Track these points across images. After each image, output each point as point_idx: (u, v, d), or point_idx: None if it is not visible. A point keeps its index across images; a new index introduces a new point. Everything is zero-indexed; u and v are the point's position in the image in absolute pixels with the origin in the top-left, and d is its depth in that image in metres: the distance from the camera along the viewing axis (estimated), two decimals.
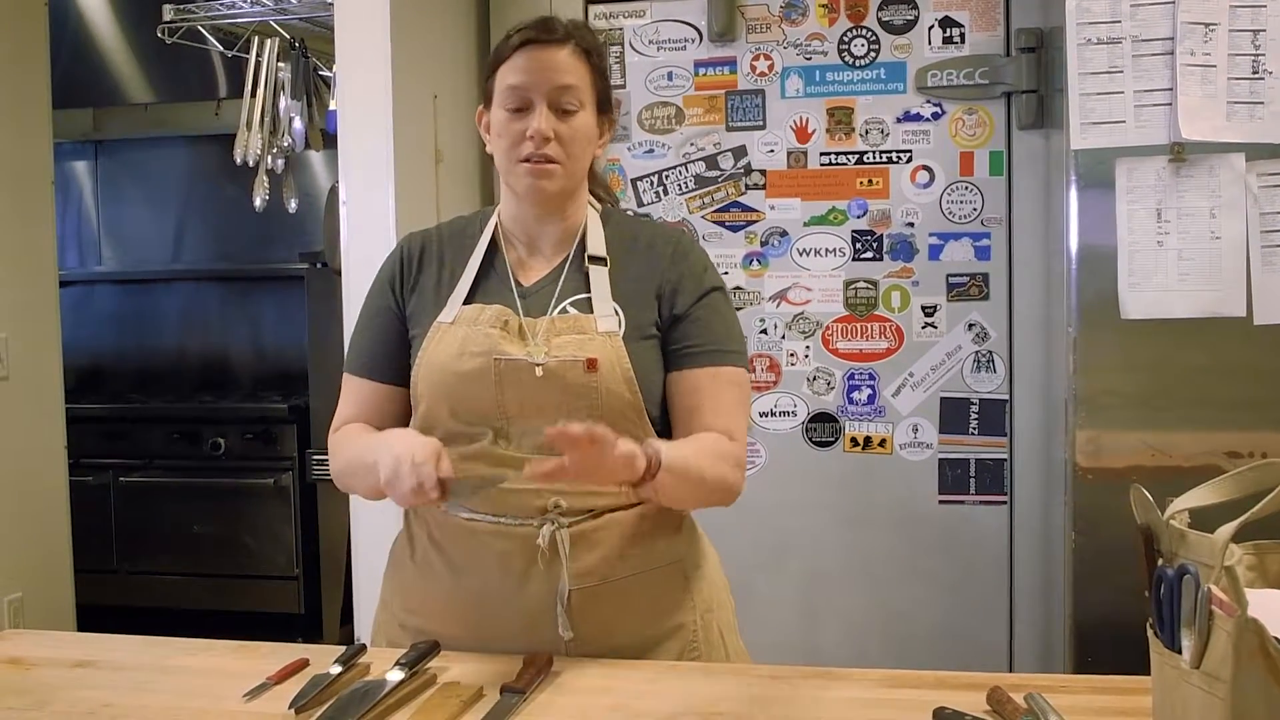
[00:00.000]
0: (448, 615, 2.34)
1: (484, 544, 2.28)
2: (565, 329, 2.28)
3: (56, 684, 2.21)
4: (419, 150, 3.94)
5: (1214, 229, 3.11)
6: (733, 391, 2.36)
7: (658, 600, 2.33)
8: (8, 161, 4.63)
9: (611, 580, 2.27)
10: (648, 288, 2.34)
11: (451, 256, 2.44)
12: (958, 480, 4.12)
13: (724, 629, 2.42)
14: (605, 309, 2.30)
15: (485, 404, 2.26)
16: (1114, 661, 2.06)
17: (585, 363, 2.22)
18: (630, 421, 2.26)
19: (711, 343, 2.34)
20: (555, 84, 2.27)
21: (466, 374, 2.26)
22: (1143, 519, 1.65)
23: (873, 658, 4.05)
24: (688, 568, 2.38)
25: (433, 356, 2.31)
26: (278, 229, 6.13)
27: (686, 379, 2.33)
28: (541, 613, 2.25)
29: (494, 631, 2.28)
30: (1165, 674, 1.59)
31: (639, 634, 2.31)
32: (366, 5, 3.78)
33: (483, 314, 2.31)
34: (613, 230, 2.42)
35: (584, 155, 2.35)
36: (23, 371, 4.67)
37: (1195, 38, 3.09)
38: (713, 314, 2.36)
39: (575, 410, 2.22)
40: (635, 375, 2.25)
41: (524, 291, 2.37)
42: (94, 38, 6.17)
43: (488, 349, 2.25)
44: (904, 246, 4.13)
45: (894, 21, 4.13)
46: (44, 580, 4.77)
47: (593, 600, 2.26)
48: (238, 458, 5.98)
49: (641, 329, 2.31)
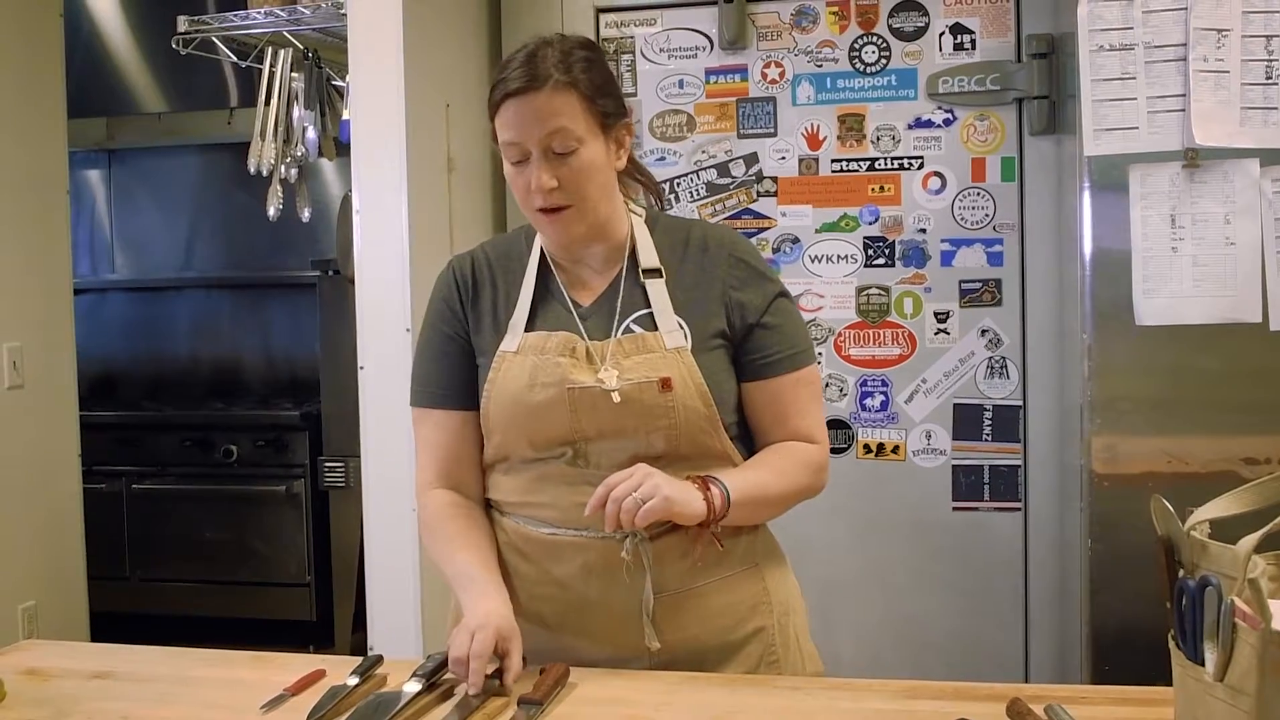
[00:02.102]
0: (525, 625, 2.27)
1: (567, 557, 2.28)
2: (634, 350, 2.26)
3: (75, 695, 2.21)
4: (432, 159, 3.94)
5: (1229, 234, 3.11)
6: (811, 391, 2.39)
7: (737, 605, 2.33)
8: (23, 170, 4.65)
9: (693, 588, 2.28)
10: (710, 294, 2.32)
11: (503, 279, 2.41)
12: (972, 487, 4.12)
13: (799, 632, 2.42)
14: (669, 324, 2.28)
15: (561, 430, 2.26)
16: (1132, 670, 2.06)
17: (659, 383, 2.22)
18: (706, 434, 2.26)
19: (789, 348, 2.34)
20: (544, 132, 2.21)
21: (540, 404, 2.25)
22: (1163, 530, 1.65)
23: (887, 666, 4.05)
24: (765, 570, 2.39)
25: (502, 389, 2.29)
26: (290, 237, 6.14)
27: (768, 388, 2.34)
28: (625, 621, 2.25)
29: (576, 640, 2.30)
30: (1188, 686, 1.59)
31: (721, 639, 2.31)
32: (379, 15, 3.78)
33: (548, 341, 2.29)
34: (661, 236, 2.39)
35: (600, 185, 2.29)
36: (37, 380, 4.69)
37: (1208, 43, 3.09)
38: (784, 318, 2.36)
39: (654, 430, 2.23)
40: (709, 388, 2.25)
41: (583, 313, 2.34)
42: (108, 47, 6.20)
43: (559, 378, 2.24)
44: (916, 253, 4.13)
45: (905, 28, 4.12)
46: (57, 587, 4.78)
47: (675, 609, 2.26)
48: (250, 465, 6.00)
49: (707, 338, 2.30)
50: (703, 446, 2.25)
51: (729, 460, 2.29)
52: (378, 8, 3.79)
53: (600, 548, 2.24)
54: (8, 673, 2.26)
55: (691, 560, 2.25)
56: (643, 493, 2.06)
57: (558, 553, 2.28)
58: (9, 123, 4.58)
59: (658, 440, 2.23)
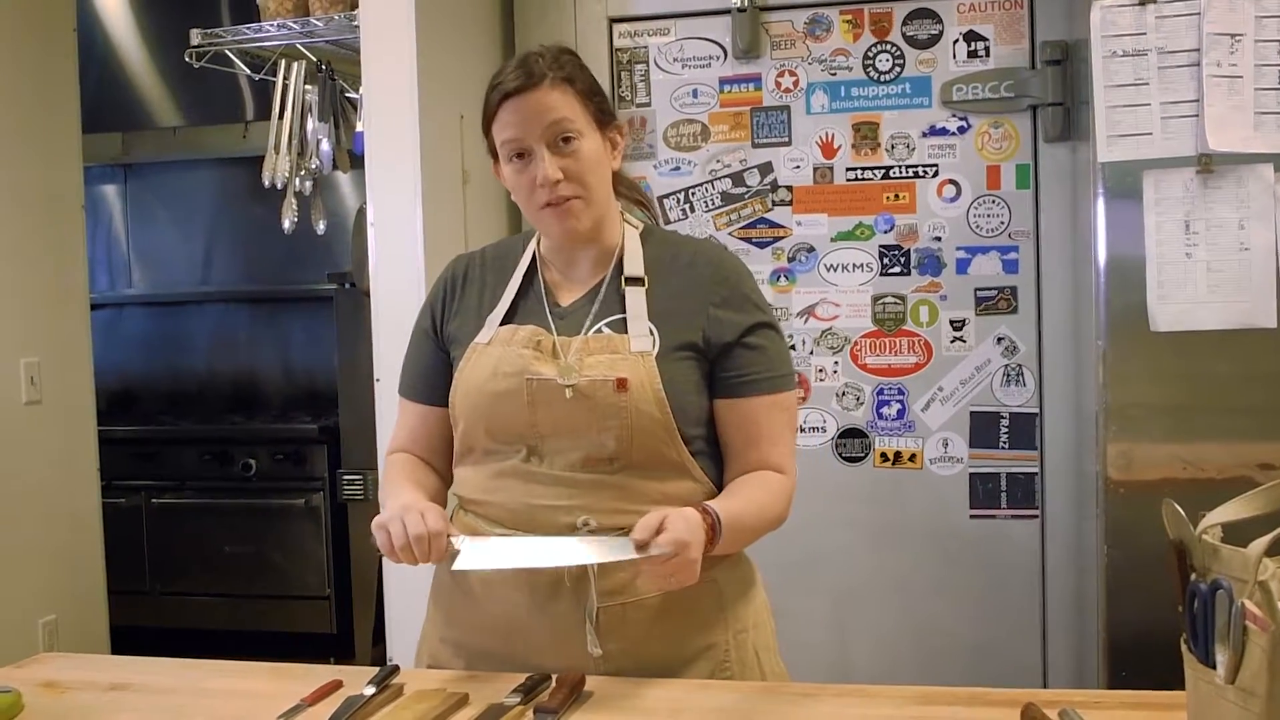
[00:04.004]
0: (484, 630, 2.35)
1: None
2: (598, 349, 2.28)
3: (92, 707, 2.22)
4: (446, 170, 3.94)
5: (1243, 240, 3.10)
6: (785, 417, 2.38)
7: (688, 619, 2.32)
8: (38, 186, 4.66)
9: (641, 599, 2.27)
10: (688, 306, 2.33)
11: (494, 279, 2.45)
12: (989, 494, 4.11)
13: (760, 649, 2.40)
14: (640, 328, 2.30)
15: (519, 423, 2.28)
16: (1149, 676, 2.05)
17: (615, 382, 2.23)
18: (661, 441, 2.26)
19: (768, 370, 2.34)
20: (546, 123, 2.25)
21: (499, 394, 2.28)
22: (1174, 534, 1.65)
23: (906, 674, 4.04)
24: (722, 586, 2.37)
25: (468, 377, 2.34)
26: (306, 250, 6.14)
27: (741, 408, 2.33)
28: (571, 629, 2.25)
29: (526, 647, 2.29)
30: (1200, 689, 1.59)
31: (668, 653, 2.30)
32: (392, 27, 3.79)
33: (516, 334, 2.33)
34: (653, 249, 2.41)
35: (601, 179, 2.34)
36: (55, 395, 4.70)
37: (1221, 49, 3.09)
38: (767, 342, 2.36)
39: (605, 430, 2.23)
40: (666, 394, 2.25)
41: (560, 312, 2.37)
42: (122, 62, 6.21)
43: (520, 369, 2.27)
44: (932, 261, 4.13)
45: (918, 36, 4.13)
46: (78, 602, 4.79)
47: (621, 619, 2.26)
48: (268, 478, 6.00)
49: (677, 348, 2.30)
50: (657, 455, 2.25)
51: (686, 472, 2.28)
52: (390, 19, 3.80)
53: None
54: (25, 685, 2.26)
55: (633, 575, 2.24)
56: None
57: None
58: (24, 138, 4.60)
59: (609, 440, 2.24)
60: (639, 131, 4.34)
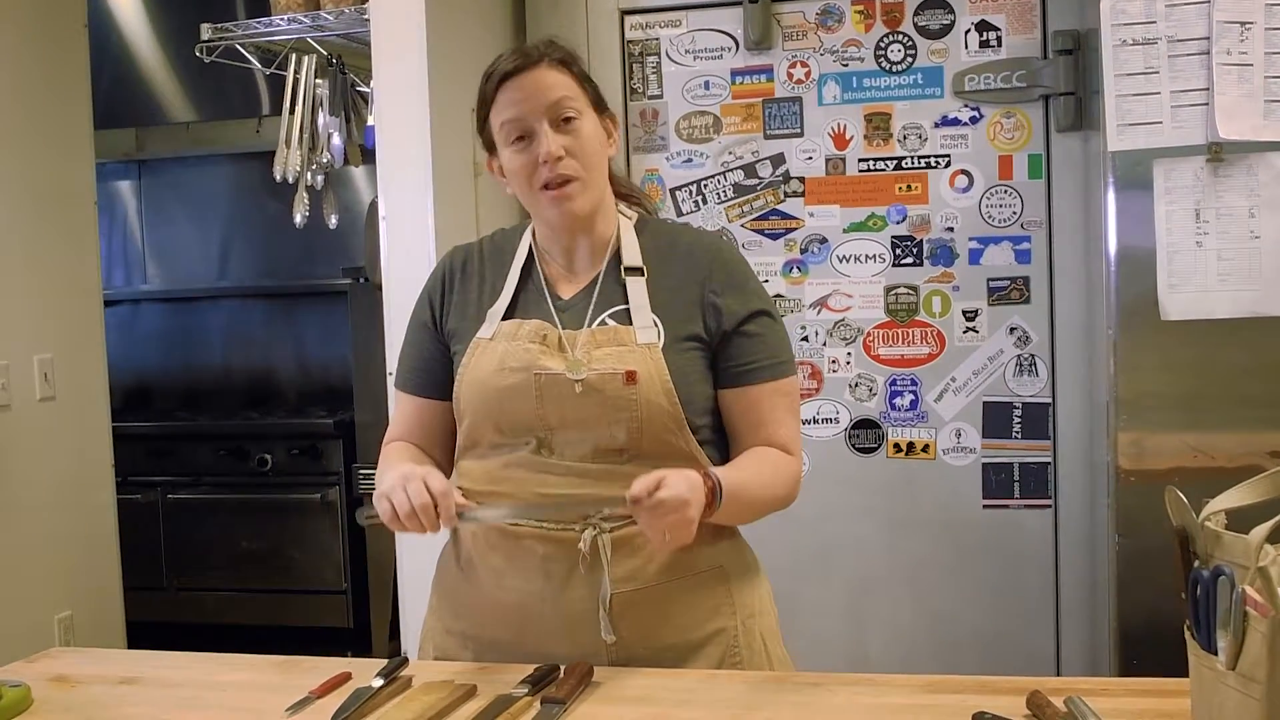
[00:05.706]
0: (492, 620, 2.36)
1: (527, 549, 2.29)
2: (605, 341, 2.29)
3: (102, 701, 2.23)
4: (457, 163, 3.94)
5: (1253, 228, 3.10)
6: (788, 402, 2.39)
7: (698, 605, 2.33)
8: (51, 183, 4.68)
9: (652, 585, 2.28)
10: (688, 297, 2.34)
11: (492, 272, 2.46)
12: (1002, 484, 4.11)
13: (766, 635, 2.41)
14: (644, 320, 2.31)
15: (527, 417, 2.28)
16: (1159, 664, 2.05)
17: (624, 375, 2.23)
18: (670, 432, 2.27)
19: (769, 357, 2.35)
20: (548, 101, 2.28)
21: (507, 389, 2.29)
22: (1178, 520, 1.65)
23: (919, 664, 4.05)
24: (730, 573, 2.38)
25: (474, 372, 2.34)
26: (320, 245, 6.16)
27: (745, 396, 2.34)
28: (584, 617, 2.26)
29: (537, 636, 2.30)
30: (1202, 675, 1.59)
31: (680, 638, 2.31)
32: (402, 20, 3.79)
33: (521, 329, 2.33)
34: (649, 239, 2.42)
35: (599, 161, 2.36)
36: (69, 392, 4.71)
37: (1231, 37, 3.08)
38: (766, 330, 2.37)
39: (616, 422, 2.24)
40: (674, 386, 2.26)
41: (562, 305, 2.38)
42: (135, 58, 6.22)
43: (527, 364, 2.27)
44: (944, 251, 4.12)
45: (930, 26, 4.12)
46: (94, 598, 4.81)
47: (633, 605, 2.27)
48: (284, 473, 6.01)
49: (682, 338, 2.31)
50: (667, 445, 2.26)
51: (694, 461, 2.28)
52: (400, 13, 3.80)
53: (560, 540, 2.26)
54: (35, 680, 2.28)
55: (649, 552, 2.25)
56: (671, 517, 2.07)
57: (519, 544, 2.30)
58: (37, 135, 4.61)
59: (619, 433, 2.25)
60: (651, 124, 4.34)
